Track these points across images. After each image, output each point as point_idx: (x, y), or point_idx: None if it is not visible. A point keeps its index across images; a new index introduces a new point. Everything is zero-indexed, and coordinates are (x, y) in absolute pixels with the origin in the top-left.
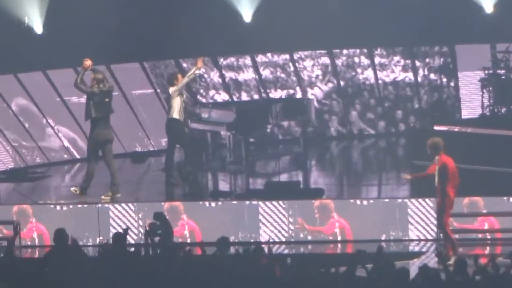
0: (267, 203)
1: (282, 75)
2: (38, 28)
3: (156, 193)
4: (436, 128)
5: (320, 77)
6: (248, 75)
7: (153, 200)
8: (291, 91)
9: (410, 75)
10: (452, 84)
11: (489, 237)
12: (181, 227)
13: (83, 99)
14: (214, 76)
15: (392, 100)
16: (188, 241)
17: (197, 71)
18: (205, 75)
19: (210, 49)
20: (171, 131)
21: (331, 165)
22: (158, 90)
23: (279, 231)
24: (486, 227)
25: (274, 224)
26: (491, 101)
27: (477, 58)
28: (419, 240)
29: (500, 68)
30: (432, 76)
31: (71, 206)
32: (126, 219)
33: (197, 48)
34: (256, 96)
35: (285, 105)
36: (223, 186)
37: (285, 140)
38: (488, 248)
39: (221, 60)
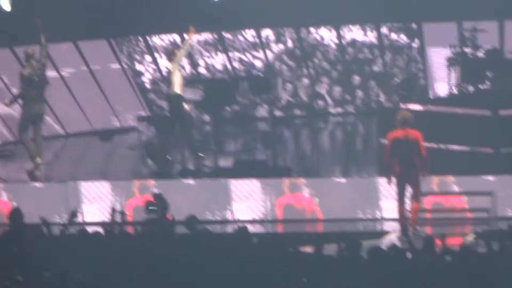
0: (240, 181)
1: (249, 53)
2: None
3: (125, 171)
4: (403, 106)
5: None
6: (215, 52)
7: (123, 178)
8: (259, 69)
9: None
10: (419, 62)
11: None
12: None
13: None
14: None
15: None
16: None
17: (190, 41)
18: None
19: (177, 26)
20: (172, 105)
21: (298, 143)
22: (125, 66)
23: (254, 210)
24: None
25: (247, 202)
26: (457, 79)
27: (444, 36)
28: (387, 219)
29: (467, 47)
30: (398, 55)
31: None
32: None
33: (164, 25)
34: (223, 74)
35: (253, 83)
36: (191, 164)
37: (252, 118)
38: (457, 227)
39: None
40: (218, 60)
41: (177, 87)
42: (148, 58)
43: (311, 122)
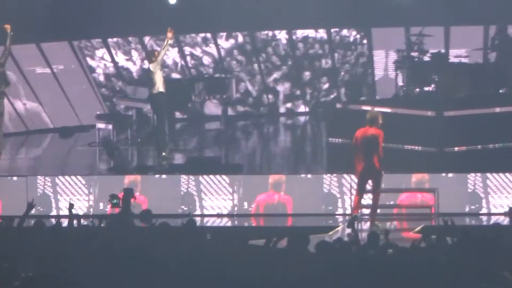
0: (211, 176)
1: (204, 55)
2: None
3: (84, 167)
4: (350, 107)
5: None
6: (172, 54)
7: (81, 174)
8: (212, 71)
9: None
10: (367, 65)
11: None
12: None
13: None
14: (140, 55)
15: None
16: None
17: (170, 41)
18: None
19: (136, 29)
20: (158, 104)
21: (250, 141)
22: (86, 68)
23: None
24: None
25: (217, 197)
26: (404, 82)
27: (391, 41)
28: (335, 214)
29: (413, 51)
30: (348, 58)
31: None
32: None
33: (123, 28)
34: (179, 75)
35: (207, 83)
36: (147, 160)
37: (207, 117)
38: (403, 223)
39: (147, 39)
40: (174, 61)
41: (161, 85)
42: (107, 58)
43: (262, 120)
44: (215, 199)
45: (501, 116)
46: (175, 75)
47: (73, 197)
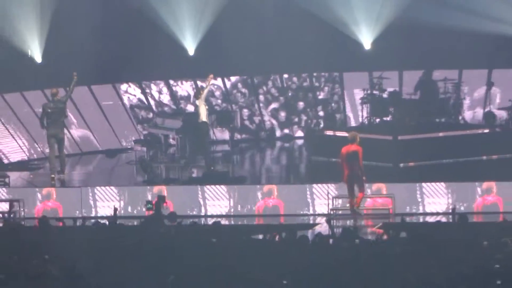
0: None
1: (218, 94)
2: (38, 57)
3: (124, 180)
4: (327, 133)
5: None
6: (192, 93)
7: (122, 184)
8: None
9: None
10: (340, 101)
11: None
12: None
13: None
14: (167, 94)
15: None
16: None
17: (211, 81)
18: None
19: (164, 74)
20: (202, 131)
21: (251, 160)
22: (127, 104)
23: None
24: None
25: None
26: (368, 113)
27: (358, 82)
28: (316, 214)
29: (375, 90)
30: (322, 96)
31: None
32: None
33: (153, 73)
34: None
35: (219, 115)
36: (173, 174)
37: (218, 141)
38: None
39: (172, 82)
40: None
41: (205, 117)
42: (141, 96)
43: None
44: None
45: (442, 139)
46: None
47: (114, 203)
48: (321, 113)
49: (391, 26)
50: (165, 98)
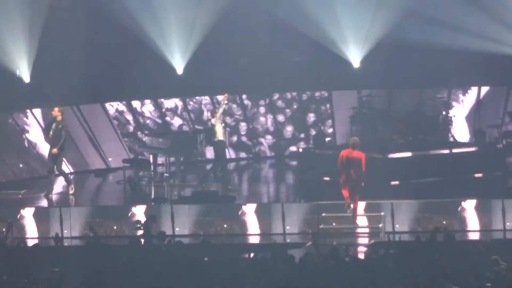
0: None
1: (206, 113)
2: (26, 77)
3: (115, 199)
4: (318, 151)
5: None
6: (180, 111)
7: (112, 204)
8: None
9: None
10: (329, 120)
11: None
12: None
13: None
14: (155, 113)
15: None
16: None
17: (225, 101)
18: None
19: (152, 93)
20: (219, 148)
21: (241, 178)
22: (116, 123)
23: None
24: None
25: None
26: (358, 131)
27: (348, 100)
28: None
29: (364, 108)
30: (311, 116)
31: None
32: None
33: (143, 92)
34: (186, 128)
35: (207, 134)
36: (162, 193)
37: (207, 160)
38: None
39: (162, 101)
40: (182, 117)
41: (221, 135)
42: (129, 116)
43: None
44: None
45: (431, 157)
46: (184, 127)
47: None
48: (311, 131)
49: (380, 44)
50: (149, 110)
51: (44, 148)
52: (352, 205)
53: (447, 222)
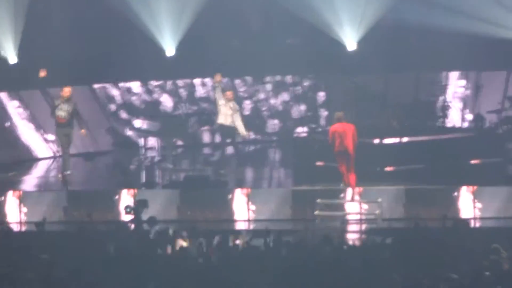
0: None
1: (197, 95)
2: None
3: (105, 183)
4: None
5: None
6: (172, 94)
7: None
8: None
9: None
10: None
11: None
12: None
13: None
14: (145, 95)
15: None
16: None
17: (216, 82)
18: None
19: (142, 75)
20: (221, 133)
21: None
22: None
23: None
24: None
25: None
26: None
27: (342, 84)
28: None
29: (360, 92)
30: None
31: None
32: None
33: (131, 74)
34: (177, 111)
35: (199, 117)
36: (153, 178)
37: (199, 144)
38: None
39: (152, 83)
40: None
41: (222, 119)
42: (119, 98)
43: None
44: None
45: (428, 142)
46: (176, 110)
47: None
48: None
49: (376, 27)
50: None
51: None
52: (348, 183)
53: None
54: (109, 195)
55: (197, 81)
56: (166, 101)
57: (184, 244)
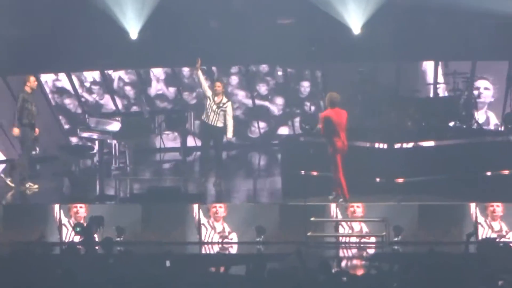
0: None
1: (166, 88)
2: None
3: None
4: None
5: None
6: (134, 87)
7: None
8: (173, 104)
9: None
10: (321, 100)
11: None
12: None
13: None
14: (102, 87)
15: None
16: None
17: (197, 69)
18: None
19: (99, 62)
20: (199, 131)
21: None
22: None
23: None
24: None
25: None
26: (357, 114)
27: (345, 75)
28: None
29: (366, 84)
30: (302, 95)
31: None
32: None
33: (87, 62)
34: (140, 108)
35: (167, 116)
36: (109, 190)
37: (167, 149)
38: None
39: (110, 72)
40: (136, 95)
41: (204, 114)
42: (70, 91)
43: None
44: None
45: (449, 148)
46: (136, 108)
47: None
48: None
49: (386, 5)
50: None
51: None
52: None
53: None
54: (54, 210)
55: (166, 70)
56: (127, 95)
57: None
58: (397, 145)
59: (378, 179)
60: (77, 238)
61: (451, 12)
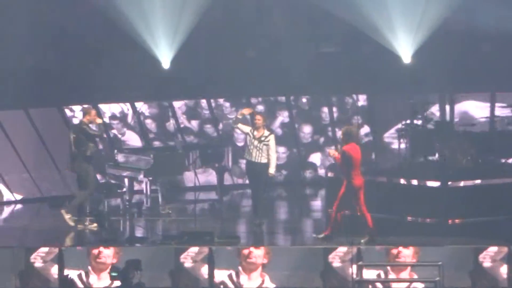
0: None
1: (201, 122)
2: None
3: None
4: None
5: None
6: (166, 120)
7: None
8: (210, 138)
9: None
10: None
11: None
12: None
13: None
14: (132, 121)
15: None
16: None
17: (240, 115)
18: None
19: (129, 94)
20: (246, 170)
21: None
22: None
23: None
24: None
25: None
26: (408, 150)
27: (394, 108)
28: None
29: (417, 118)
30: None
31: None
32: None
33: (116, 94)
34: (173, 142)
35: (202, 152)
36: (139, 231)
37: (202, 187)
38: None
39: (141, 105)
40: (169, 128)
41: (247, 153)
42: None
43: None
44: None
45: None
46: (172, 142)
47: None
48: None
49: (438, 31)
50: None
51: None
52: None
53: None
54: (84, 253)
55: (199, 102)
56: (160, 129)
57: None
58: (451, 183)
59: (428, 220)
60: (114, 284)
61: (509, 38)
